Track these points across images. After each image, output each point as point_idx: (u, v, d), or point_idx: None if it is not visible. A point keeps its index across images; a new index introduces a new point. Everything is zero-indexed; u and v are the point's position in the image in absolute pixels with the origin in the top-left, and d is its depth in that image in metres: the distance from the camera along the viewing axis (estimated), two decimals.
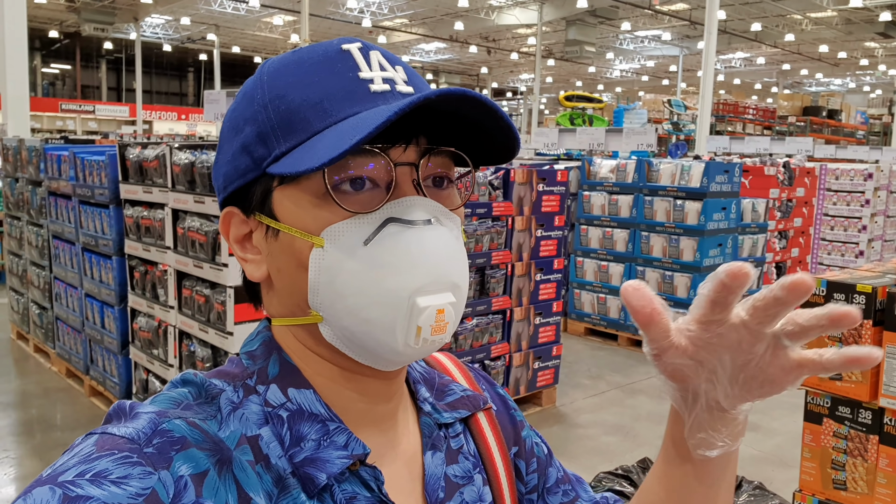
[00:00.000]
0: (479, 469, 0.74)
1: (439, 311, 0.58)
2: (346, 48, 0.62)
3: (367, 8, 25.56)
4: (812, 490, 1.65)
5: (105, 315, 4.35)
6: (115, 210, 4.12)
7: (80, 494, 0.48)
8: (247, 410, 0.61)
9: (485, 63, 36.02)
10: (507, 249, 4.33)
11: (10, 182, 5.80)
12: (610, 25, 25.73)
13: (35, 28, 28.71)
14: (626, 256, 6.27)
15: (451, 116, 0.61)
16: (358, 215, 0.58)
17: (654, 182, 6.14)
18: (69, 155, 4.55)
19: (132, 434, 0.53)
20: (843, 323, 0.52)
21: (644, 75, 37.14)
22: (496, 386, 0.85)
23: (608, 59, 32.66)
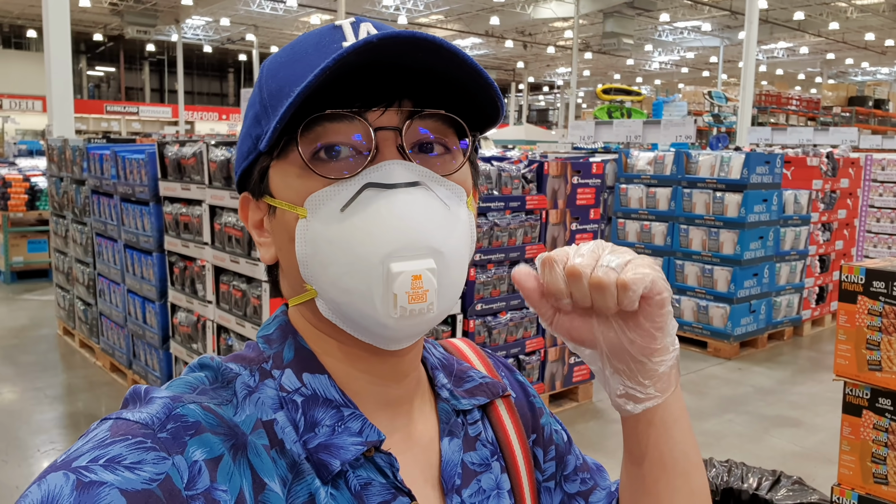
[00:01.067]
0: (498, 456, 0.73)
1: (415, 277, 0.55)
2: (338, 24, 0.62)
3: (403, 5, 25.66)
4: (851, 484, 1.61)
5: (146, 310, 4.45)
6: (154, 207, 4.21)
7: (93, 480, 0.48)
8: (262, 395, 0.60)
9: (521, 58, 35.84)
10: (542, 243, 4.30)
11: (56, 181, 5.96)
12: (648, 17, 25.39)
13: (80, 31, 29.46)
14: (665, 250, 6.18)
15: (435, 78, 0.59)
16: (337, 182, 0.57)
17: (692, 174, 6.03)
18: (110, 154, 4.66)
19: (146, 419, 0.53)
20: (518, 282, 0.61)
21: (684, 67, 36.55)
22: (515, 373, 0.84)
23: (647, 51, 32.23)
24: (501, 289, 4.13)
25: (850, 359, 1.49)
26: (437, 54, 0.56)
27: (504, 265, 4.13)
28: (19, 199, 8.30)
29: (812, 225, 6.55)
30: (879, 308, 1.36)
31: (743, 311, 5.79)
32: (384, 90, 0.58)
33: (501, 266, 4.11)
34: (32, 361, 5.55)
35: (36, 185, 8.41)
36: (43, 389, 4.91)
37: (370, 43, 0.52)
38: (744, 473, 2.12)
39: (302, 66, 0.58)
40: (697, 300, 5.96)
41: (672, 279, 6.13)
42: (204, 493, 0.52)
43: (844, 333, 1.43)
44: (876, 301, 1.37)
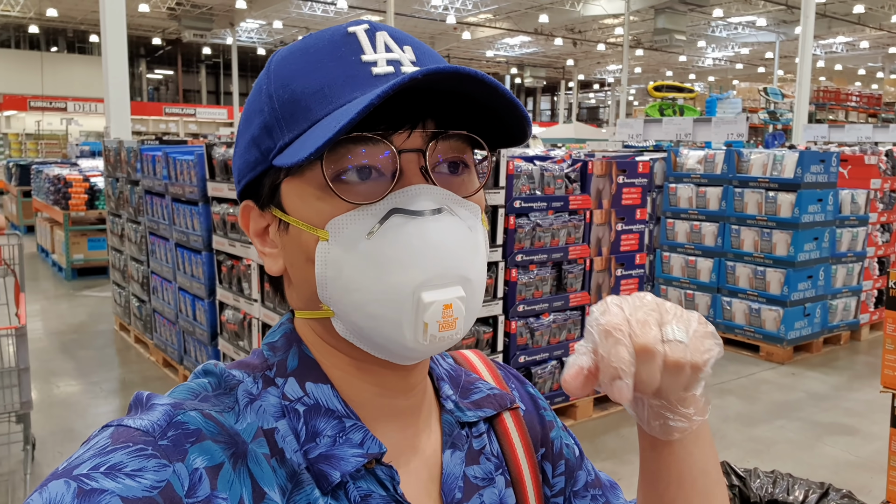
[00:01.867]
0: (503, 470, 0.71)
1: (446, 307, 0.55)
2: (351, 31, 0.60)
3: (452, 5, 25.69)
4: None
5: (196, 308, 4.56)
6: (203, 207, 4.31)
7: (94, 488, 0.48)
8: (265, 402, 0.60)
9: (570, 55, 35.51)
10: (585, 244, 4.25)
11: (112, 181, 6.16)
12: (701, 12, 24.89)
13: (140, 36, 30.39)
14: (715, 251, 6.04)
15: (460, 98, 0.58)
16: (361, 207, 0.56)
17: (744, 173, 5.88)
18: (162, 155, 4.79)
19: (147, 426, 0.53)
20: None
21: (738, 63, 35.70)
22: (527, 384, 0.83)
23: (700, 47, 31.57)
24: (544, 290, 4.10)
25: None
26: (481, 87, 0.55)
27: (547, 266, 4.10)
28: (80, 198, 8.60)
29: (870, 226, 6.31)
30: None
31: (797, 314, 5.62)
32: (409, 112, 0.57)
33: (544, 267, 4.08)
34: (90, 356, 5.74)
35: (95, 186, 8.71)
36: (99, 384, 5.08)
37: (417, 80, 0.52)
38: (790, 485, 2.05)
39: (320, 78, 0.57)
40: (749, 303, 5.81)
41: (723, 281, 5.99)
42: (204, 500, 0.52)
43: (892, 343, 1.37)
44: None
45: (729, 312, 5.93)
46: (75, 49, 32.60)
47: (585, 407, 4.38)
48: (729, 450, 4.01)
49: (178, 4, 25.13)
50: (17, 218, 12.15)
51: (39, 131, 23.87)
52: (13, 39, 31.82)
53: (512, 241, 3.86)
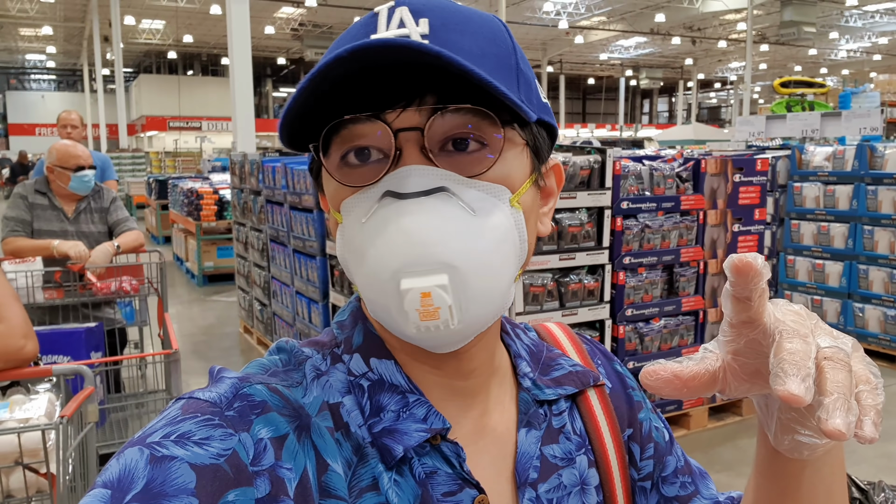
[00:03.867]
0: (586, 450, 0.69)
1: (423, 294, 0.52)
2: (376, 10, 0.59)
3: (564, 10, 25.50)
4: None
5: (312, 310, 4.76)
6: (317, 214, 4.51)
7: (165, 455, 0.50)
8: (332, 378, 0.61)
9: (689, 54, 34.32)
10: (699, 246, 4.10)
11: (237, 192, 6.55)
12: (833, 2, 23.39)
13: (266, 57, 32.18)
14: (846, 254, 5.64)
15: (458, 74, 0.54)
16: (362, 189, 0.56)
17: (878, 170, 5.46)
18: (281, 166, 5.05)
19: (214, 398, 0.55)
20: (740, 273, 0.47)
21: (876, 54, 33.21)
22: (615, 361, 0.80)
23: (832, 39, 29.64)
24: (654, 293, 3.98)
25: None
26: (417, 59, 0.52)
27: (657, 269, 3.98)
28: (210, 209, 9.20)
29: None
30: None
31: None
32: (403, 88, 0.55)
33: (654, 270, 3.97)
34: (217, 357, 6.12)
35: (224, 197, 9.28)
36: None
37: (340, 58, 0.50)
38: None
39: None
40: (885, 309, 5.38)
41: (854, 286, 5.58)
42: (269, 469, 0.53)
43: None
44: None
45: (862, 320, 5.52)
46: (209, 72, 34.97)
47: (700, 417, 4.21)
48: (858, 465, 3.73)
49: (300, 25, 26.42)
50: (156, 229, 13.14)
51: (177, 149, 25.75)
52: (154, 65, 34.55)
53: (619, 244, 3.78)
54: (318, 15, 24.70)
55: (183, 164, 21.77)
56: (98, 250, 3.35)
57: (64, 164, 3.42)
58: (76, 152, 3.44)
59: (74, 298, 3.26)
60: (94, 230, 3.55)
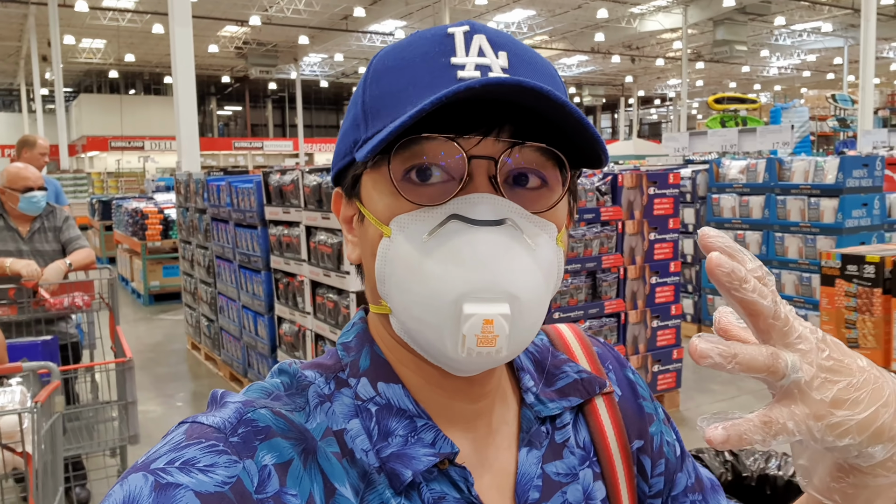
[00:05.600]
0: (590, 462, 0.68)
1: (486, 321, 0.53)
2: (451, 31, 0.58)
3: (508, 28, 26.09)
4: None
5: (258, 323, 4.94)
6: (262, 230, 4.70)
7: (170, 482, 0.50)
8: (337, 404, 0.61)
9: (629, 72, 35.36)
10: (619, 253, 4.43)
11: (183, 211, 6.68)
12: (762, 21, 24.52)
13: (210, 75, 32.00)
14: (760, 259, 6.06)
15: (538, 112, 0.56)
16: (424, 208, 0.56)
17: (786, 181, 5.93)
18: (225, 184, 5.23)
19: (219, 423, 0.55)
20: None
21: (805, 71, 34.80)
22: (627, 368, 0.77)
23: (763, 56, 30.98)
24: (579, 297, 4.29)
25: None
26: (543, 102, 0.53)
27: (581, 275, 4.30)
28: (155, 229, 9.25)
29: None
30: (854, 290, 1.47)
31: None
32: (484, 117, 0.56)
33: (578, 276, 4.28)
34: (165, 373, 6.22)
35: (169, 217, 9.34)
36: (172, 395, 5.53)
37: (472, 89, 0.51)
38: (783, 462, 2.20)
39: (407, 77, 0.57)
40: (797, 309, 5.81)
41: None
42: (274, 496, 0.53)
43: (826, 315, 1.55)
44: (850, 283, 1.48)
45: None
46: (151, 91, 34.54)
47: None
48: None
49: (244, 44, 26.41)
50: (100, 251, 13.02)
51: (119, 170, 25.38)
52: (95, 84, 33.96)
53: None
54: (263, 33, 24.78)
55: (126, 184, 21.51)
56: (50, 268, 3.49)
57: (13, 185, 3.56)
58: (25, 174, 3.58)
59: (28, 315, 3.40)
60: (48, 249, 3.69)
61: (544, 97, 0.52)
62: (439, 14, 20.81)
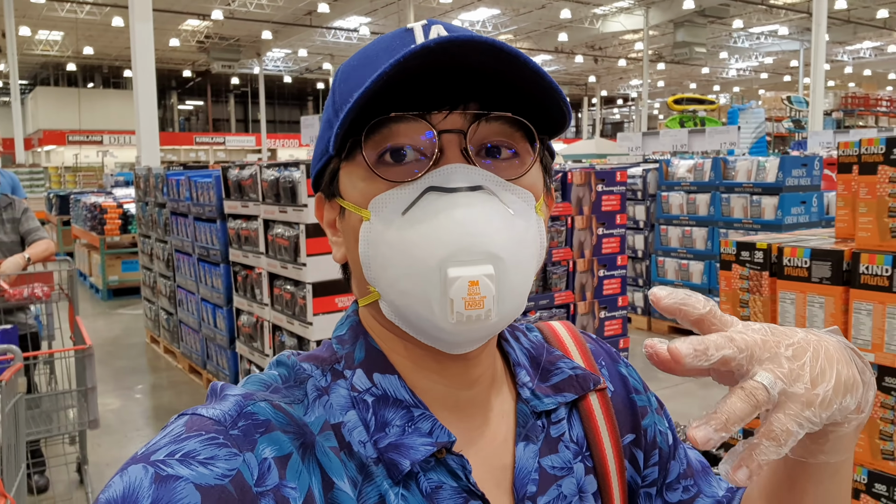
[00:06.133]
0: (583, 457, 0.69)
1: (472, 283, 0.54)
2: (410, 27, 0.62)
3: (472, 27, 26.25)
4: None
5: (216, 315, 5.01)
6: (221, 224, 4.78)
7: (170, 474, 0.50)
8: (333, 396, 0.61)
9: (592, 72, 35.81)
10: (568, 247, 4.62)
11: (142, 205, 6.70)
12: (721, 24, 25.02)
13: (171, 69, 31.56)
14: (706, 254, 6.35)
15: (503, 81, 0.58)
16: (399, 185, 0.57)
17: (730, 179, 6.19)
18: (185, 179, 5.29)
19: (219, 416, 0.55)
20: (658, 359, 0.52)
21: (763, 73, 35.64)
22: (619, 363, 0.79)
23: (722, 58, 31.66)
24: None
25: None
26: (496, 57, 0.54)
27: None
28: (114, 223, 9.21)
29: None
30: (746, 273, 1.65)
31: None
32: (449, 92, 0.57)
33: None
34: (124, 366, 6.24)
35: (128, 212, 9.30)
36: (131, 388, 5.57)
37: (427, 47, 0.52)
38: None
39: (370, 70, 0.57)
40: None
41: (714, 283, 6.29)
42: (273, 489, 0.53)
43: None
44: (744, 267, 1.65)
45: None
46: (110, 84, 33.95)
47: None
48: None
49: (206, 38, 26.14)
50: (58, 246, 12.86)
51: (77, 164, 24.96)
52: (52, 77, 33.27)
53: None
54: (225, 27, 24.56)
55: (84, 178, 21.18)
56: (9, 262, 3.53)
57: None
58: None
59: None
60: (6, 240, 3.73)
61: (498, 50, 0.53)
62: (404, 11, 20.88)
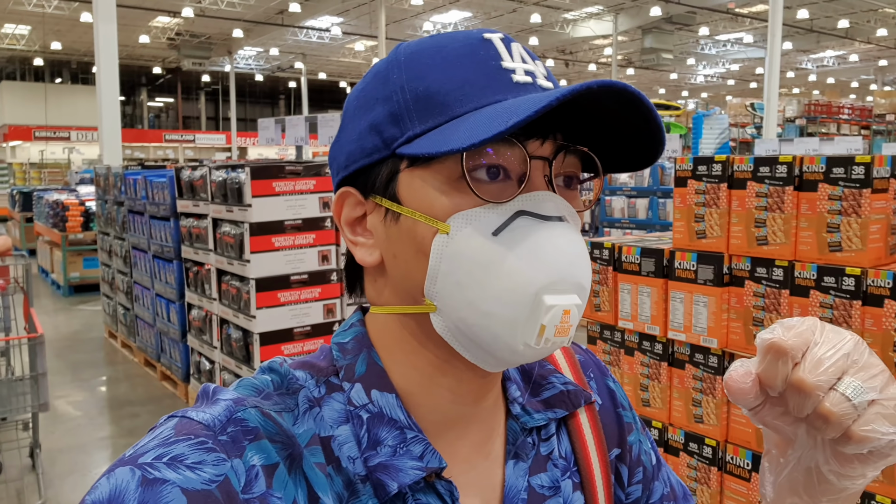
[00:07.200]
0: (570, 473, 0.69)
1: (565, 312, 0.55)
2: (487, 37, 0.61)
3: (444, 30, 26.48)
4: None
5: (170, 310, 5.21)
6: (174, 222, 4.98)
7: (157, 477, 0.50)
8: (326, 409, 0.60)
9: (563, 75, 36.13)
10: None
11: (102, 203, 6.85)
12: (688, 31, 25.42)
13: (140, 66, 31.37)
14: None
15: (587, 116, 0.60)
16: (489, 204, 0.56)
17: (667, 185, 6.52)
18: (142, 178, 5.48)
19: (208, 420, 0.55)
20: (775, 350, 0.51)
21: (730, 79, 36.32)
22: (607, 377, 0.79)
23: (689, 65, 32.21)
24: None
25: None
26: (633, 105, 0.56)
27: None
28: (76, 221, 9.31)
29: None
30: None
31: None
32: (545, 122, 0.58)
33: None
34: (81, 359, 6.40)
35: (90, 209, 9.40)
36: (88, 380, 5.75)
37: (590, 90, 0.53)
38: None
39: (458, 76, 0.58)
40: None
41: None
42: (260, 497, 0.53)
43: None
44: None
45: None
46: (78, 80, 33.59)
47: None
48: None
49: (177, 35, 26.05)
50: (20, 242, 12.86)
51: (43, 160, 24.75)
52: (18, 72, 32.87)
53: None
54: (196, 25, 24.51)
55: (49, 175, 21.05)
56: None
57: None
58: None
59: None
60: None
61: (637, 100, 0.55)
62: (375, 13, 21.05)
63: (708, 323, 1.87)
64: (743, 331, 1.84)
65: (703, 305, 1.86)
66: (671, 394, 2.05)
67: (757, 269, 1.76)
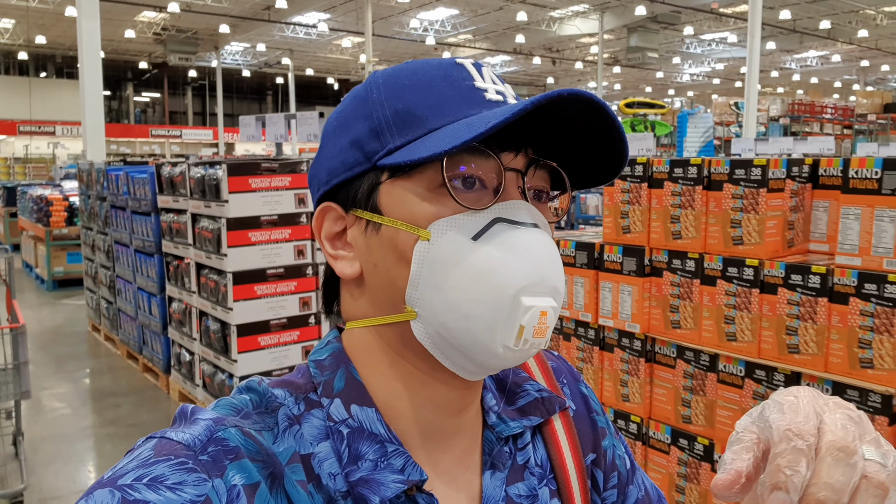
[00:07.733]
0: (547, 480, 0.70)
1: (542, 313, 0.57)
2: (460, 62, 0.64)
3: (431, 27, 26.56)
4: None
5: (151, 303, 5.34)
6: (155, 217, 5.11)
7: (137, 499, 0.49)
8: (306, 426, 0.60)
9: (550, 73, 36.33)
10: None
11: (85, 199, 6.96)
12: (673, 30, 25.58)
13: (127, 61, 31.26)
14: None
15: (556, 130, 0.63)
16: (468, 211, 0.58)
17: None
18: (124, 174, 5.60)
19: (188, 440, 0.55)
20: None
21: (715, 78, 36.59)
22: (580, 382, 0.80)
23: (676, 63, 32.42)
24: None
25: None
26: (595, 114, 0.59)
27: None
28: (60, 216, 9.40)
29: None
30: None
31: None
32: (517, 135, 0.61)
33: None
34: (64, 352, 6.51)
35: (74, 204, 9.50)
36: (71, 372, 5.87)
37: (552, 99, 0.55)
38: None
39: (435, 94, 0.61)
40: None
41: None
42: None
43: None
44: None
45: None
46: (63, 74, 33.43)
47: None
48: None
49: (163, 30, 26.01)
50: (4, 237, 12.92)
51: (28, 155, 24.68)
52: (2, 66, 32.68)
53: None
54: (182, 20, 24.50)
55: (34, 170, 21.03)
56: None
57: None
58: None
59: None
60: None
61: (605, 111, 0.59)
62: (362, 9, 21.13)
63: (632, 310, 2.03)
64: (662, 317, 2.01)
65: (628, 294, 2.03)
66: (602, 375, 2.23)
67: (673, 261, 1.93)
